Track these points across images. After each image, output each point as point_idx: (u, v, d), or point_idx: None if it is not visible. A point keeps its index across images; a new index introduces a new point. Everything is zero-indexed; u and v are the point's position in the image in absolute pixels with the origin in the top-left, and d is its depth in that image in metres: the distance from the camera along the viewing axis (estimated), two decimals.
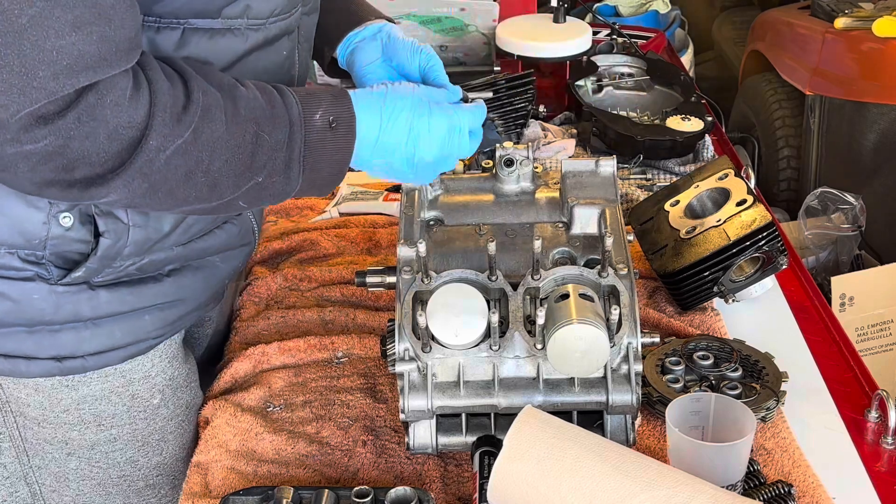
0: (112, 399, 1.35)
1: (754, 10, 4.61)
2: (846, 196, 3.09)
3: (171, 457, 1.44)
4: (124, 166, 1.06)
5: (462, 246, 1.36)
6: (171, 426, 1.43)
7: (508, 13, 2.44)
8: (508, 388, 1.29)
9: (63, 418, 1.34)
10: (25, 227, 1.21)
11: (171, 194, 1.11)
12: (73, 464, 1.38)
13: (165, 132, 1.07)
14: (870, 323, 2.75)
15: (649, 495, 1.08)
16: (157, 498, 1.45)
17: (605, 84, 2.25)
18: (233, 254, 1.41)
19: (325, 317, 1.65)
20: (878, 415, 1.42)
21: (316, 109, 1.18)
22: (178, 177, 1.10)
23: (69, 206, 1.21)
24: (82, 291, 1.26)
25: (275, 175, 1.16)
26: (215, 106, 1.11)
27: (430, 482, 1.32)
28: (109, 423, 1.36)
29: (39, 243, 1.22)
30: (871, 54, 3.11)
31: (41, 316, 1.26)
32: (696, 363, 1.45)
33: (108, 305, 1.28)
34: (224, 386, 1.52)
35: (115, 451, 1.39)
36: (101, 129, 1.03)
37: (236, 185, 1.14)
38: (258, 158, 1.14)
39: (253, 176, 1.15)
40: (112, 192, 1.07)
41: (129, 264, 1.27)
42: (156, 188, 1.10)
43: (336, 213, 2.01)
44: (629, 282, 1.30)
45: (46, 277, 1.24)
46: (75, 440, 1.36)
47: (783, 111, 3.64)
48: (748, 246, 1.56)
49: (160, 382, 1.39)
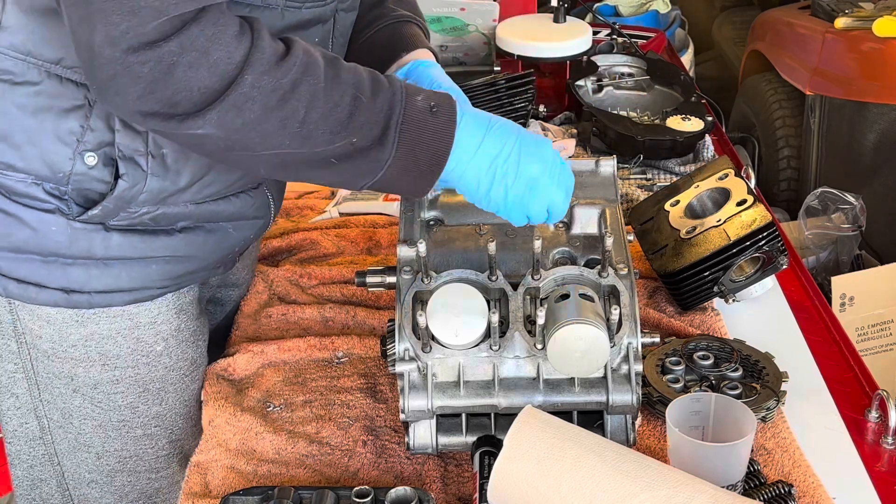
0: (117, 340, 1.40)
1: (754, 10, 4.61)
2: (846, 196, 3.09)
3: (170, 410, 1.48)
4: (220, 99, 1.11)
5: (462, 246, 1.36)
6: (173, 377, 1.47)
7: (508, 13, 2.44)
8: (508, 388, 1.29)
9: (70, 353, 1.40)
10: (53, 160, 1.28)
11: (264, 138, 1.15)
12: (78, 401, 1.43)
13: (261, 71, 1.12)
14: (870, 323, 2.75)
15: (649, 495, 1.08)
16: (153, 449, 1.49)
17: (605, 84, 2.25)
18: (246, 224, 1.45)
19: (326, 314, 1.65)
20: (878, 415, 1.42)
21: (418, 93, 1.22)
22: (273, 121, 1.14)
23: (96, 146, 1.27)
24: (97, 231, 1.32)
25: (369, 139, 1.18)
26: (315, 65, 1.16)
27: (430, 482, 1.32)
28: (113, 363, 1.41)
29: (64, 177, 1.29)
30: (871, 54, 3.11)
31: (56, 248, 1.32)
32: (697, 363, 1.45)
33: (118, 248, 1.34)
34: (219, 371, 1.53)
35: (116, 394, 1.44)
36: (202, 61, 1.09)
37: (330, 141, 1.17)
38: (355, 119, 1.17)
39: (348, 135, 1.17)
40: (207, 124, 1.12)
41: (143, 212, 1.32)
42: (249, 127, 1.14)
43: (336, 213, 2.01)
44: (629, 282, 1.30)
45: (66, 212, 1.31)
46: (80, 376, 1.41)
47: (783, 111, 3.64)
48: (748, 246, 1.56)
49: (165, 331, 1.43)
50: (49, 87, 1.26)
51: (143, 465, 1.50)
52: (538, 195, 1.25)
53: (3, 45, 1.25)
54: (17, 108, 1.26)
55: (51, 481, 1.51)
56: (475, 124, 1.24)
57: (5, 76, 1.26)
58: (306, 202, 2.07)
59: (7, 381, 1.44)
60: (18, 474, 1.51)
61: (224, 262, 1.49)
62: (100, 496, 1.51)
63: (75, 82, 1.26)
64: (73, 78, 1.26)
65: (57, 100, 1.26)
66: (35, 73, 1.25)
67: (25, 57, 1.25)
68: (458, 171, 1.24)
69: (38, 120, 1.26)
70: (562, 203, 1.27)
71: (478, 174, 1.24)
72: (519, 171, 1.24)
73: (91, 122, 1.27)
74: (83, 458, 1.48)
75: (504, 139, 1.24)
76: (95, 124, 1.27)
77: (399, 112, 1.19)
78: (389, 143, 1.19)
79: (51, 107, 1.26)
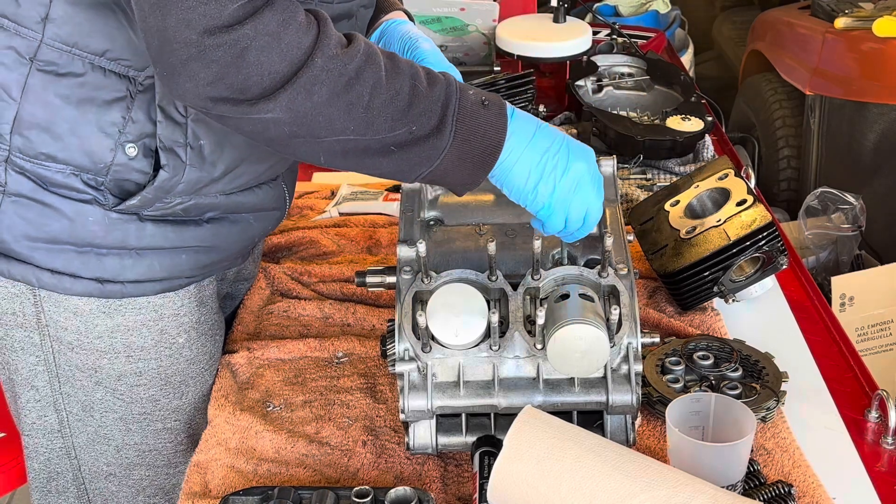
0: (142, 331, 1.42)
1: (754, 10, 4.61)
2: (846, 196, 3.09)
3: (189, 404, 1.50)
4: (291, 81, 1.14)
5: (462, 246, 1.36)
6: (193, 370, 1.49)
7: (508, 13, 2.44)
8: (508, 388, 1.29)
9: (96, 344, 1.41)
10: (94, 151, 1.30)
11: (330, 122, 1.17)
12: (100, 394, 1.45)
13: (330, 55, 1.15)
14: (870, 323, 2.75)
15: (649, 495, 1.08)
16: (172, 443, 1.51)
17: (605, 84, 2.24)
18: (265, 215, 1.49)
19: (326, 311, 1.65)
20: (878, 415, 1.42)
21: (469, 88, 1.25)
22: (340, 105, 1.17)
23: (136, 137, 1.30)
24: (132, 221, 1.35)
25: (427, 128, 1.21)
26: (376, 55, 1.20)
27: (430, 482, 1.32)
28: (137, 355, 1.44)
29: (103, 168, 1.31)
30: (871, 54, 3.11)
31: (92, 238, 1.34)
32: (696, 363, 1.45)
33: (152, 238, 1.37)
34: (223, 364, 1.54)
35: (139, 386, 1.45)
36: (274, 45, 1.12)
37: (391, 128, 1.20)
38: (414, 107, 1.20)
39: (408, 122, 1.20)
40: (278, 107, 1.14)
41: (177, 202, 1.35)
42: (317, 111, 1.16)
43: (336, 212, 2.01)
44: (629, 282, 1.30)
45: (102, 202, 1.33)
46: (104, 368, 1.43)
47: (783, 111, 3.64)
48: (748, 246, 1.57)
49: (187, 322, 1.46)
50: (93, 78, 1.28)
51: (161, 459, 1.51)
52: (580, 196, 1.27)
53: (49, 36, 1.26)
54: (61, 98, 1.28)
55: (67, 475, 1.52)
56: (526, 120, 1.28)
57: (49, 67, 1.27)
58: (306, 202, 2.07)
59: (28, 373, 1.45)
60: (35, 467, 1.52)
61: (243, 253, 1.53)
62: (117, 489, 1.52)
63: (118, 74, 1.28)
64: (117, 70, 1.28)
65: (100, 91, 1.28)
66: (79, 65, 1.27)
67: (71, 48, 1.26)
68: (509, 163, 1.26)
69: (80, 111, 1.28)
70: (598, 209, 1.29)
71: (529, 166, 1.26)
72: (568, 166, 1.26)
73: (133, 113, 1.29)
74: (102, 451, 1.49)
75: (553, 136, 1.28)
76: (137, 116, 1.29)
77: (455, 102, 1.22)
78: (447, 132, 1.21)
79: (94, 98, 1.28)
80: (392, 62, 1.21)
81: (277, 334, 1.62)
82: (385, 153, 1.21)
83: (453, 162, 1.23)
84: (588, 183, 1.28)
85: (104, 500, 1.53)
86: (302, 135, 1.18)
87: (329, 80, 1.15)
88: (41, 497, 1.54)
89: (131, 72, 1.28)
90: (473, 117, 1.23)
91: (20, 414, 1.49)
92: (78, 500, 1.53)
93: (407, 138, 1.20)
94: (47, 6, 1.25)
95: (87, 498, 1.53)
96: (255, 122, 1.16)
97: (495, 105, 1.25)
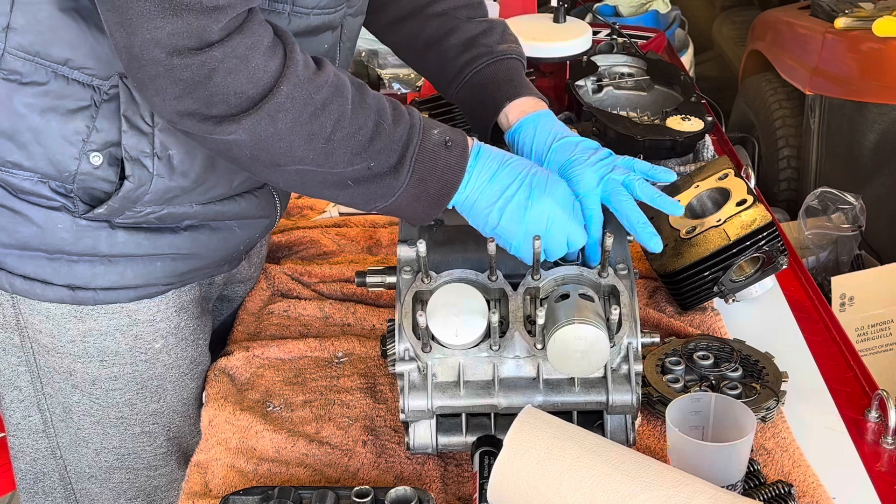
0: (116, 336, 1.41)
1: (754, 10, 4.61)
2: (846, 196, 3.09)
3: (168, 407, 1.49)
4: (257, 106, 1.15)
5: (462, 246, 1.36)
6: (172, 375, 1.47)
7: (508, 13, 2.44)
8: (508, 388, 1.29)
9: (69, 349, 1.41)
10: (59, 160, 1.29)
11: (291, 149, 1.18)
12: (77, 397, 1.45)
13: (296, 83, 1.16)
14: (870, 323, 2.75)
15: (649, 495, 1.08)
16: (151, 447, 1.50)
17: (605, 84, 2.24)
18: (251, 223, 1.47)
19: (326, 311, 1.65)
20: (878, 415, 1.42)
21: (434, 127, 1.26)
22: (302, 134, 1.17)
23: (101, 146, 1.29)
24: (102, 228, 1.34)
25: (385, 166, 1.22)
26: (344, 88, 1.21)
27: (430, 482, 1.32)
28: (112, 360, 1.42)
29: (69, 176, 1.30)
30: (871, 54, 3.11)
31: (62, 245, 1.34)
32: (696, 363, 1.45)
33: (123, 246, 1.36)
34: (219, 370, 1.53)
35: (114, 391, 1.45)
36: (242, 68, 1.13)
37: (349, 163, 1.21)
38: (375, 144, 1.21)
39: (367, 159, 1.21)
40: (241, 129, 1.15)
41: (148, 212, 1.34)
42: (279, 137, 1.17)
43: (336, 212, 2.01)
44: (629, 282, 1.30)
45: (72, 210, 1.32)
46: (79, 372, 1.43)
47: (783, 111, 3.64)
48: (748, 246, 1.56)
49: (164, 328, 1.44)
50: (56, 87, 1.27)
51: (140, 462, 1.50)
52: (558, 227, 1.28)
53: (12, 45, 1.26)
54: (24, 107, 1.27)
55: (53, 475, 1.51)
56: (491, 158, 1.28)
57: (12, 76, 1.26)
58: (306, 202, 2.07)
59: (10, 374, 1.45)
60: (22, 468, 1.52)
61: (229, 261, 1.50)
62: (99, 492, 1.52)
63: (82, 83, 1.27)
64: (80, 79, 1.27)
65: (63, 100, 1.27)
66: (42, 74, 1.26)
67: (33, 57, 1.26)
68: (469, 201, 1.27)
69: (44, 119, 1.28)
70: (580, 234, 1.29)
71: (488, 204, 1.27)
72: (530, 204, 1.26)
73: (97, 122, 1.28)
74: (83, 454, 1.49)
75: (516, 174, 1.28)
76: (101, 125, 1.28)
77: (416, 143, 1.23)
78: (405, 171, 1.23)
79: (57, 107, 1.27)
80: (360, 95, 1.22)
81: (277, 334, 1.62)
82: (342, 186, 1.23)
83: (409, 199, 1.25)
84: (560, 216, 1.27)
85: (91, 501, 1.52)
86: (262, 159, 1.19)
87: (294, 109, 1.16)
88: (29, 498, 1.54)
89: (95, 80, 1.27)
90: (433, 158, 1.24)
91: (5, 414, 1.49)
92: (65, 500, 1.53)
93: (365, 174, 1.22)
94: (8, 15, 1.25)
95: (75, 498, 1.53)
96: (219, 141, 1.17)
97: (458, 146, 1.25)
